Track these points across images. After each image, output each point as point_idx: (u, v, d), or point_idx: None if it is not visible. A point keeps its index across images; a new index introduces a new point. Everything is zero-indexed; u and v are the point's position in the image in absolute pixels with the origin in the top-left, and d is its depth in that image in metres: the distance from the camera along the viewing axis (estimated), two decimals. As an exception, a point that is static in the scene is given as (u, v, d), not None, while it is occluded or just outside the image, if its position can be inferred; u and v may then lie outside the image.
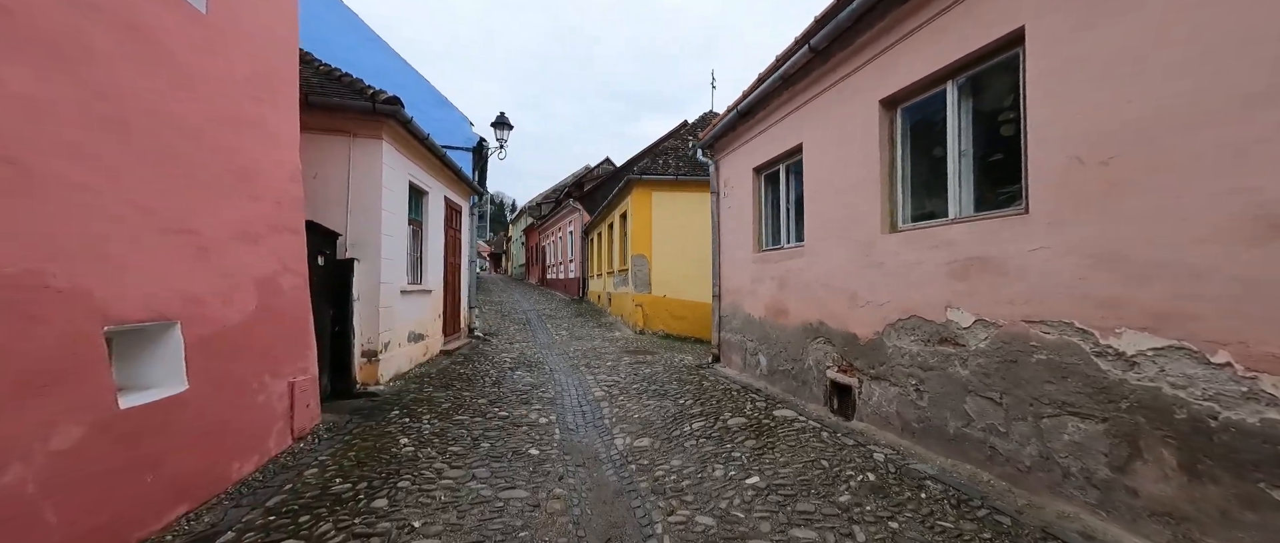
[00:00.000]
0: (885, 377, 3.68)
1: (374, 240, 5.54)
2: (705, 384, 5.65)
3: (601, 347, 8.96)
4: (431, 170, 7.33)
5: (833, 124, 4.32)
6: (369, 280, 5.51)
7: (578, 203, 19.64)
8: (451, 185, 8.48)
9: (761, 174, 5.83)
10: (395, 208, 5.94)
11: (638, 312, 11.16)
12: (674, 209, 11.31)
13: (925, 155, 3.63)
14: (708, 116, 13.72)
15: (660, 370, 6.59)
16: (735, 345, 6.31)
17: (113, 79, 2.44)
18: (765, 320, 5.51)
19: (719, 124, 6.25)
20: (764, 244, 5.81)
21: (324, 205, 5.37)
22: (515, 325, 11.79)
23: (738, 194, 6.27)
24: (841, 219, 4.20)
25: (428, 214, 7.35)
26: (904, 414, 3.49)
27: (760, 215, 5.85)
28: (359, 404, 4.87)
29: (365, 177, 5.52)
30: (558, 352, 8.40)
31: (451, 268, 8.61)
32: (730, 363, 6.46)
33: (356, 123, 5.44)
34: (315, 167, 5.39)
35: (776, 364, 5.26)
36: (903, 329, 3.52)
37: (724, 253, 6.72)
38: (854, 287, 4.04)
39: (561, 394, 5.46)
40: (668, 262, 11.24)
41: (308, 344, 3.97)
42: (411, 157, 6.47)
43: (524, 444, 3.88)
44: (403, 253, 6.30)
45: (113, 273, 2.40)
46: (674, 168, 11.42)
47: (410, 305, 6.59)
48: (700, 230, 11.39)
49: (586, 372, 6.63)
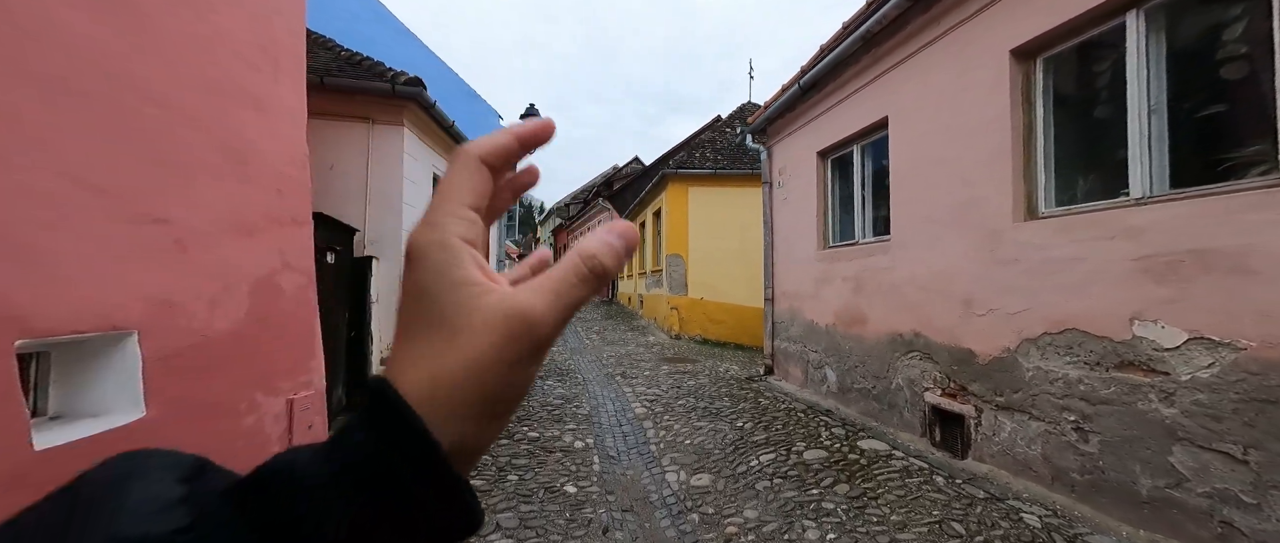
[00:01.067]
0: (1020, 407, 2.83)
1: (395, 237, 5.01)
2: (762, 402, 4.86)
3: (636, 353, 8.27)
4: (458, 163, 6.81)
5: (935, 88, 3.48)
6: (389, 280, 4.98)
7: (607, 202, 19.06)
8: (479, 180, 7.97)
9: (828, 158, 5.00)
10: (418, 200, 5.41)
11: (673, 315, 10.42)
12: (712, 205, 10.52)
13: (1079, 117, 2.77)
14: (747, 108, 12.86)
15: (706, 383, 5.83)
16: (793, 356, 5.50)
17: (41, 18, 1.90)
18: (834, 329, 4.68)
19: (774, 104, 5.46)
20: (831, 239, 4.98)
21: (341, 199, 4.87)
22: (545, 328, 11.25)
23: (797, 183, 5.46)
24: (949, 205, 3.36)
25: (454, 210, 6.83)
26: (1056, 460, 2.63)
27: (827, 207, 5.03)
28: (374, 419, 4.32)
29: (385, 166, 5.00)
30: (590, 358, 7.75)
31: (479, 268, 8.10)
32: (788, 376, 5.64)
33: (376, 108, 4.93)
34: (332, 156, 4.90)
35: (850, 381, 4.43)
36: (1050, 347, 2.67)
37: (778, 251, 5.91)
38: (968, 290, 3.19)
39: (598, 410, 4.79)
40: (705, 262, 10.46)
41: (313, 353, 3.43)
42: (435, 146, 5.95)
43: (558, 478, 3.21)
44: (426, 251, 5.78)
45: (37, 270, 1.86)
46: (711, 161, 10.64)
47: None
48: (741, 228, 10.57)
49: (623, 382, 5.94)
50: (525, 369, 0.24)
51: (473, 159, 0.27)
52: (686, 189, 10.50)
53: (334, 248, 3.92)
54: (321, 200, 4.80)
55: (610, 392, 5.50)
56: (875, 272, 4.12)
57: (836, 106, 4.65)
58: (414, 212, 5.31)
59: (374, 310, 4.82)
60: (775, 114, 5.57)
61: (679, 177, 10.41)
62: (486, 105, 9.31)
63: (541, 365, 0.25)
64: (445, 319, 0.23)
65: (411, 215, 5.24)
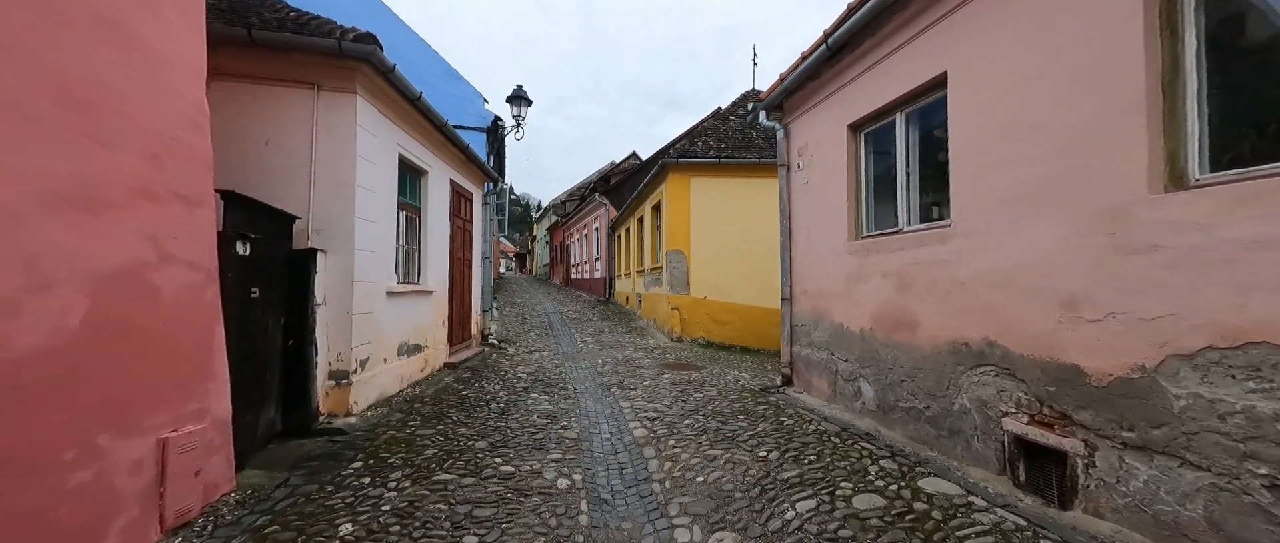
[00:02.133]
0: (1166, 449, 2.05)
1: (345, 226, 4.19)
2: (785, 421, 4.07)
3: (634, 358, 7.47)
4: (431, 145, 5.98)
5: (1020, 30, 2.69)
6: (338, 278, 4.16)
7: (603, 198, 18.26)
8: (459, 167, 7.15)
9: (861, 132, 4.21)
10: (376, 185, 4.59)
11: (674, 316, 9.63)
12: (716, 197, 9.73)
13: (1248, 51, 1.99)
14: (751, 96, 12.08)
15: (715, 395, 5.04)
16: (818, 365, 4.71)
17: None
18: (871, 335, 3.90)
19: (794, 72, 4.66)
20: (867, 228, 4.19)
21: (279, 180, 4.05)
22: (536, 331, 10.44)
23: (822, 163, 4.67)
24: (1039, 179, 2.57)
25: (427, 199, 6.01)
26: (1232, 527, 1.85)
27: (860, 189, 4.24)
28: (313, 448, 3.50)
29: (334, 142, 4.18)
30: (583, 365, 6.95)
31: (459, 265, 7.28)
32: (810, 387, 4.86)
33: (321, 70, 4.10)
34: (269, 129, 4.07)
35: (894, 397, 3.65)
36: (1218, 367, 1.88)
37: (798, 243, 5.13)
38: (1072, 287, 2.41)
39: (589, 431, 3.99)
40: (708, 258, 9.67)
41: (208, 372, 2.61)
42: (402, 123, 5.12)
43: (531, 536, 2.41)
44: (389, 244, 4.96)
45: None
46: (715, 150, 9.84)
47: (402, 311, 5.24)
48: (746, 221, 9.77)
49: (620, 395, 5.15)
50: None
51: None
52: (688, 180, 9.71)
53: (247, 235, 3.10)
54: (254, 182, 3.98)
55: (605, 407, 4.70)
56: (928, 266, 3.33)
57: (874, 68, 3.86)
58: (371, 197, 4.49)
59: (320, 314, 4.00)
60: (795, 84, 4.78)
61: (680, 166, 9.62)
62: (469, 88, 8.49)
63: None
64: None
65: (368, 201, 4.42)
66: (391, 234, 4.99)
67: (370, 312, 4.50)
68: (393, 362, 4.99)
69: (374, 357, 4.59)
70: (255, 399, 3.31)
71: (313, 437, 3.74)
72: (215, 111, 4.04)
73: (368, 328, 4.45)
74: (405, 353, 5.31)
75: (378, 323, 4.66)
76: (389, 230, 4.93)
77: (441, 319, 6.47)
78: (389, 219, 4.93)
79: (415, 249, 5.88)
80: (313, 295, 3.92)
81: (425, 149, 5.83)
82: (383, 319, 4.77)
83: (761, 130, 10.60)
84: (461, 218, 7.34)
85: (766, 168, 9.62)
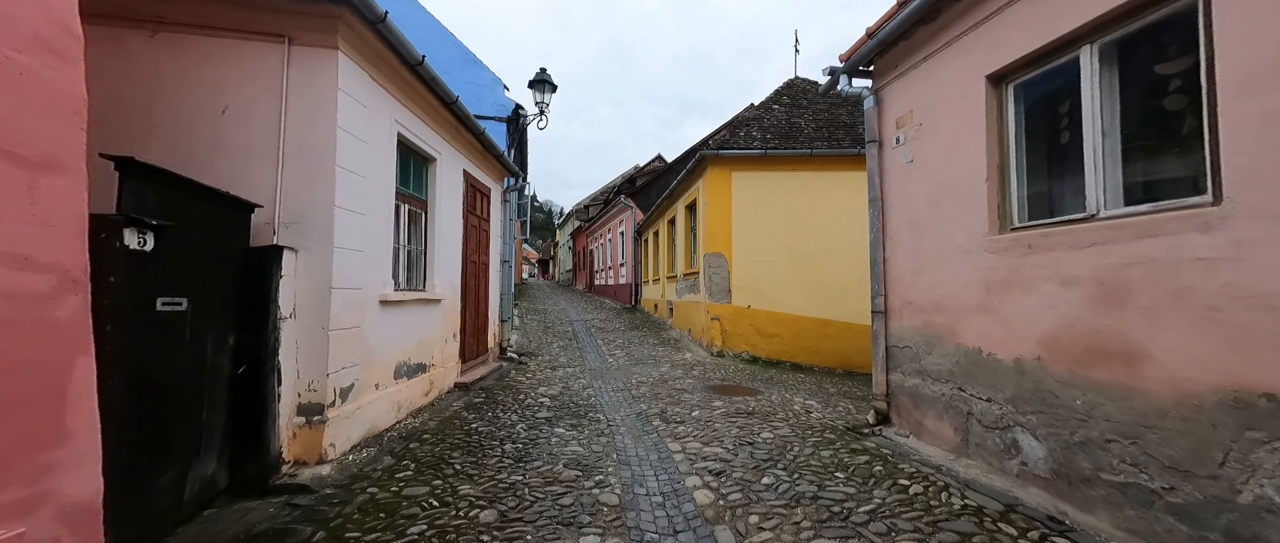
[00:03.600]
0: None
1: (323, 218, 3.24)
2: (907, 485, 2.90)
3: (673, 377, 6.36)
4: (440, 128, 5.05)
5: None
6: (314, 284, 3.22)
7: (630, 200, 17.28)
8: (475, 158, 6.22)
9: (1010, 83, 3.05)
10: (367, 168, 3.65)
11: (713, 327, 8.49)
12: (761, 193, 8.58)
13: None
14: (796, 84, 10.90)
15: (789, 435, 3.90)
16: (934, 403, 3.52)
17: None
18: (1041, 368, 2.71)
19: (894, 19, 3.53)
20: (1021, 215, 3.01)
21: (240, 160, 3.14)
22: (559, 342, 9.44)
23: (938, 133, 3.52)
24: None
25: (436, 192, 5.08)
26: None
27: (1007, 162, 3.06)
28: (262, 518, 2.52)
29: (310, 110, 3.25)
30: (615, 385, 5.89)
31: (474, 269, 6.33)
32: (921, 430, 3.66)
33: (293, 18, 3.18)
34: (226, 94, 3.17)
35: (1092, 464, 2.44)
36: None
37: (897, 240, 3.96)
38: None
39: (634, 490, 2.90)
40: (753, 262, 8.52)
41: (56, 434, 1.65)
42: (402, 96, 4.19)
43: None
44: (383, 243, 4.01)
45: None
46: (759, 140, 8.70)
47: (401, 323, 4.29)
48: (797, 219, 8.56)
49: (665, 431, 4.05)
50: None
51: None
52: (729, 174, 8.59)
53: (154, 223, 2.13)
54: (203, 161, 3.08)
55: (649, 449, 3.62)
56: (1168, 268, 2.15)
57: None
58: (359, 183, 3.55)
59: (286, 331, 3.05)
60: (895, 34, 3.64)
61: (721, 159, 8.51)
62: (489, 73, 7.62)
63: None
64: None
65: (354, 188, 3.48)
66: (387, 230, 4.04)
67: (356, 326, 3.55)
68: (387, 387, 4.03)
69: (361, 383, 3.62)
70: (177, 454, 2.36)
71: (269, 495, 2.77)
72: (158, 69, 3.10)
73: (351, 347, 3.49)
74: (404, 375, 4.34)
75: (366, 340, 3.70)
76: (384, 226, 3.98)
77: (452, 332, 5.52)
78: (384, 212, 3.99)
79: (421, 250, 4.94)
80: (275, 307, 2.97)
81: (433, 131, 4.90)
82: (374, 335, 3.82)
83: (812, 119, 9.42)
84: (477, 215, 6.40)
85: (820, 160, 8.44)
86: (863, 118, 10.24)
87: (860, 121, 9.25)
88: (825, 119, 9.37)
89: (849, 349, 8.28)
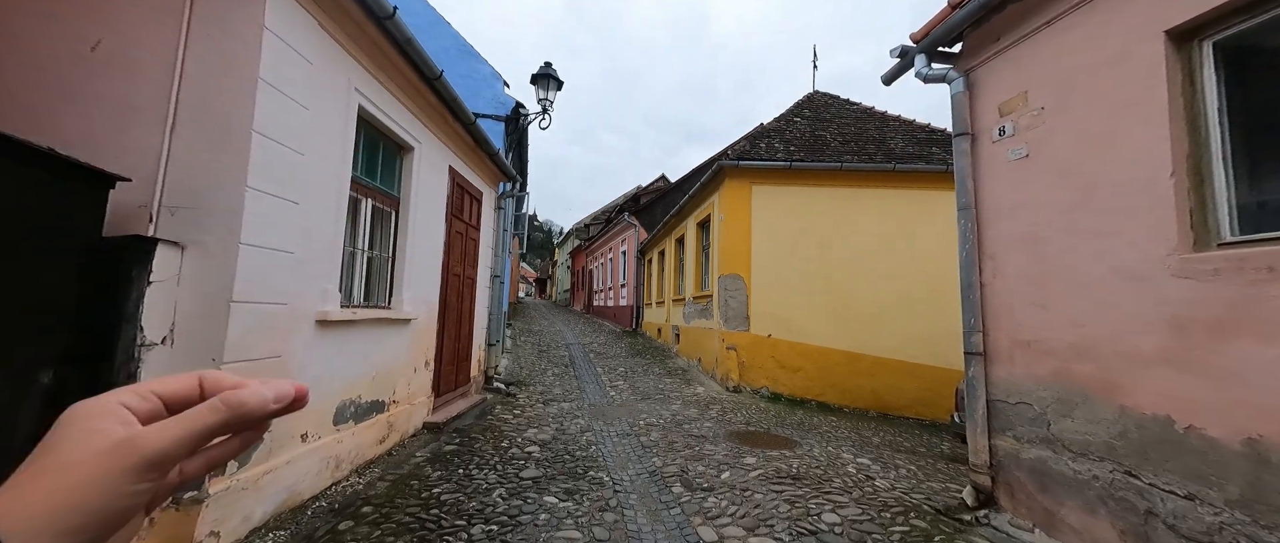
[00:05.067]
0: None
1: (228, 200, 2.28)
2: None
3: (688, 418, 5.30)
4: (420, 109, 4.14)
5: None
6: (205, 294, 2.23)
7: (633, 218, 16.43)
8: (465, 154, 5.32)
9: (1205, 41, 2.14)
10: (303, 141, 2.70)
11: (729, 358, 7.46)
12: (785, 209, 7.69)
13: None
14: (816, 98, 10.19)
15: (859, 517, 2.86)
16: (1078, 487, 2.50)
17: None
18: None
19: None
20: (1233, 228, 2.06)
21: (113, 115, 2.19)
22: (554, 369, 8.37)
23: (1074, 120, 2.61)
24: None
25: (412, 187, 4.13)
26: None
27: (1209, 151, 2.14)
28: None
29: (220, 54, 2.33)
30: (620, 427, 4.83)
31: (459, 284, 5.34)
32: (1054, 524, 2.62)
33: (205, -72, 2.30)
34: (97, 22, 2.26)
35: None
36: None
37: (1000, 262, 3.01)
38: None
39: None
40: (774, 286, 7.56)
41: None
42: (365, 59, 3.28)
43: None
44: (326, 242, 3.01)
45: None
46: (783, 152, 7.86)
47: (350, 349, 3.27)
48: (825, 239, 7.61)
49: (690, 503, 3.00)
50: (128, 485, 0.25)
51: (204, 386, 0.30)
52: (749, 187, 7.72)
53: None
54: (60, 116, 2.13)
55: (672, 535, 2.57)
56: None
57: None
58: (290, 160, 2.59)
59: (151, 363, 2.04)
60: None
61: (740, 170, 7.65)
62: (487, 67, 6.80)
63: (153, 485, 0.26)
64: (62, 454, 0.25)
65: (278, 164, 2.52)
66: (334, 228, 3.07)
67: (273, 356, 2.53)
68: (322, 438, 2.98)
69: (277, 436, 2.59)
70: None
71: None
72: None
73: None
74: (351, 418, 3.30)
75: (293, 374, 2.69)
76: (329, 221, 3.01)
77: (424, 360, 4.49)
78: (331, 204, 3.03)
79: (387, 257, 3.97)
80: (133, 327, 1.98)
81: (410, 114, 3.99)
82: (308, 366, 2.80)
83: (837, 132, 8.62)
84: (464, 221, 5.46)
85: (851, 175, 7.58)
86: (891, 132, 9.38)
87: (891, 135, 8.45)
88: (852, 132, 8.58)
89: (883, 388, 7.25)
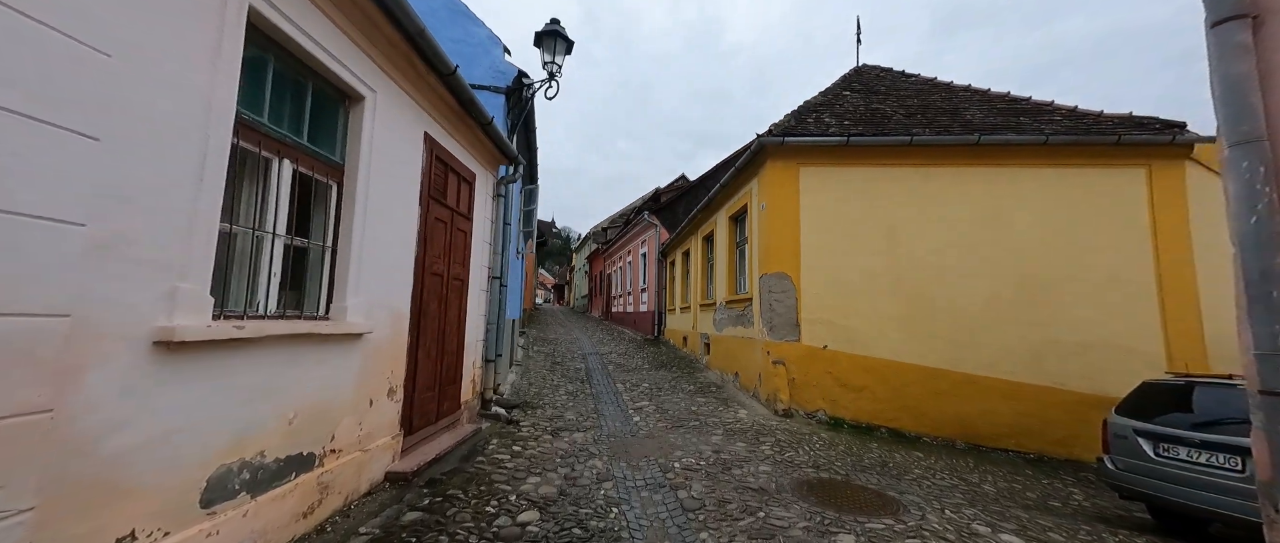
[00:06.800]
0: None
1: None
2: None
3: (734, 456, 3.96)
4: (373, 44, 2.95)
5: None
6: None
7: (653, 217, 15.19)
8: (450, 121, 4.15)
9: None
10: (95, 21, 1.54)
11: (777, 374, 6.10)
12: (841, 195, 6.34)
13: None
14: (864, 70, 8.82)
15: None
16: None
17: None
18: None
19: None
20: None
21: None
22: (568, 385, 7.14)
23: None
24: None
25: (363, 152, 2.95)
26: None
27: None
28: None
29: None
30: (648, 472, 3.54)
31: (441, 286, 4.15)
32: None
33: None
34: None
35: None
36: None
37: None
38: None
39: None
40: (830, 287, 6.20)
41: None
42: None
43: None
44: (171, 211, 1.81)
45: None
46: (835, 127, 6.52)
47: (245, 383, 2.07)
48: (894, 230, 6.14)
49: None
50: None
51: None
52: (797, 169, 6.39)
53: None
54: None
55: None
56: None
57: None
58: (63, 48, 1.40)
59: None
60: None
61: (785, 149, 6.33)
62: (484, 29, 5.69)
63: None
64: None
65: (26, 46, 1.34)
66: (186, 190, 1.88)
67: (24, 412, 1.34)
68: (175, 535, 1.79)
69: (39, 558, 1.40)
70: None
71: None
72: None
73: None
74: (242, 490, 2.11)
75: (84, 440, 1.50)
76: (179, 175, 1.83)
77: (386, 388, 3.29)
78: (181, 146, 1.84)
79: (325, 246, 2.79)
80: None
81: (352, 43, 2.81)
82: (126, 422, 1.62)
83: (898, 105, 7.23)
84: (449, 208, 4.28)
85: (925, 152, 6.16)
86: (964, 103, 7.64)
87: (964, 106, 6.99)
88: (916, 105, 7.18)
89: (973, 413, 5.79)
